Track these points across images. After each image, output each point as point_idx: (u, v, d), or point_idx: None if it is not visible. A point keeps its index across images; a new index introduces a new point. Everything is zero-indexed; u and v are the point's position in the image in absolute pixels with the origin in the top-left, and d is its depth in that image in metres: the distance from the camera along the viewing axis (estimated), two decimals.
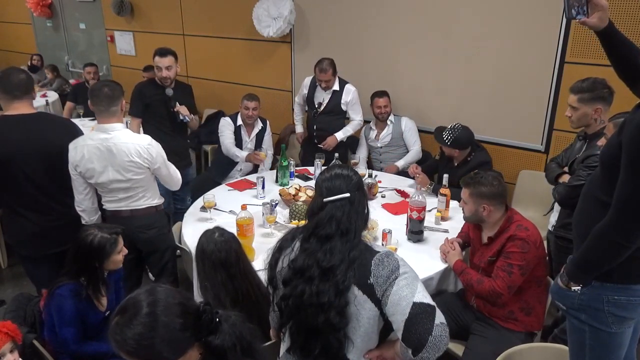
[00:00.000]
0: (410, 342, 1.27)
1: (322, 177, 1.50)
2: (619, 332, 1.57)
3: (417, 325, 1.27)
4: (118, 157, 2.29)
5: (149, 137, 2.41)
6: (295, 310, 1.42)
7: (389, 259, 1.39)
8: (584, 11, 1.48)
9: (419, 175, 3.10)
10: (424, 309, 1.29)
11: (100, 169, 2.31)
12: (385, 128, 3.73)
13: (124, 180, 2.35)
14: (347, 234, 1.41)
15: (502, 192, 2.11)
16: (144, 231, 2.49)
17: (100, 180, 2.33)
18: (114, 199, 2.42)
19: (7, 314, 2.06)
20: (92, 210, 2.45)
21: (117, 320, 1.11)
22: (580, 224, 1.60)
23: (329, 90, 3.75)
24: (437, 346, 1.25)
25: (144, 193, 2.45)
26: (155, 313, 1.10)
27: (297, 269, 1.42)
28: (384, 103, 3.65)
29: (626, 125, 1.41)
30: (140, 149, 2.32)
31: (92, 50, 6.65)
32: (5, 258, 3.66)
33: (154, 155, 2.37)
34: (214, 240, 1.86)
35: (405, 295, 1.31)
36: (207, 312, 1.18)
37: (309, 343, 1.42)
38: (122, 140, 2.31)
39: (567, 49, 3.19)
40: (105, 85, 2.34)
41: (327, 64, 3.60)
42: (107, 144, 2.29)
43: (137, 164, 2.33)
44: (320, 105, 3.79)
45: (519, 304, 2.11)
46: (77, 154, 2.30)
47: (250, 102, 3.60)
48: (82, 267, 1.98)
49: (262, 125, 3.78)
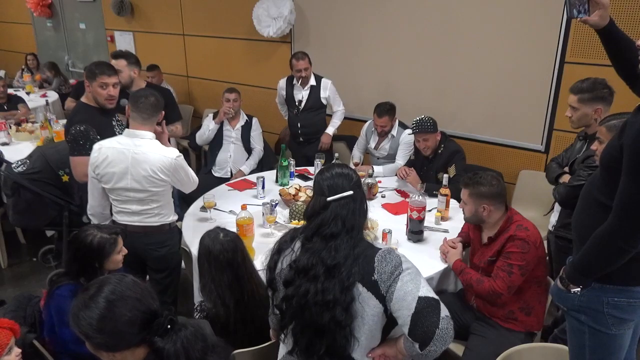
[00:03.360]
0: (417, 336, 1.29)
1: (322, 176, 1.50)
2: (618, 333, 1.57)
3: (424, 319, 1.28)
4: (141, 166, 2.23)
5: (176, 151, 2.33)
6: (299, 310, 1.42)
7: (391, 255, 1.40)
8: (585, 9, 1.48)
9: (409, 175, 3.10)
10: (429, 303, 1.30)
11: (120, 174, 2.26)
12: (385, 139, 3.56)
13: (141, 190, 2.28)
14: (351, 231, 1.42)
15: (502, 191, 2.11)
16: (157, 249, 2.42)
17: (118, 185, 2.28)
18: (126, 211, 2.35)
19: (7, 314, 2.06)
20: (102, 216, 2.44)
21: (78, 297, 1.21)
22: (580, 226, 1.59)
23: (307, 87, 3.80)
24: (443, 339, 1.27)
25: (159, 210, 2.37)
26: (111, 301, 1.19)
27: (300, 268, 1.42)
28: (382, 123, 3.41)
29: (627, 128, 1.40)
30: (165, 161, 2.25)
31: (92, 50, 6.65)
32: (6, 258, 3.66)
33: (179, 169, 2.30)
34: (220, 241, 1.85)
35: (411, 290, 1.32)
36: (164, 316, 1.24)
37: (314, 343, 1.42)
38: (150, 150, 2.25)
39: (567, 49, 3.19)
40: (152, 94, 2.31)
41: (302, 52, 3.73)
42: (135, 151, 2.24)
43: (158, 177, 2.26)
44: (300, 102, 3.85)
45: (519, 304, 2.11)
46: (100, 155, 2.27)
47: (230, 94, 3.73)
48: (81, 267, 1.98)
49: (246, 119, 3.86)
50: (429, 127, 3.02)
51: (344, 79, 4.15)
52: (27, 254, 3.81)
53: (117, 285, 1.23)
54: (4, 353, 1.58)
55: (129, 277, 1.29)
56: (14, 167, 3.02)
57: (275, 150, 4.62)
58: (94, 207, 2.41)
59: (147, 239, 2.39)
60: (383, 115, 3.40)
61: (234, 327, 1.83)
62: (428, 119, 3.05)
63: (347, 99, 4.02)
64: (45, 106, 5.07)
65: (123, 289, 1.22)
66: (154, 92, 2.36)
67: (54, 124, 4.17)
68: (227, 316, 1.82)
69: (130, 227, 2.35)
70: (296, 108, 3.89)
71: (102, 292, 1.20)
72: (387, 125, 3.43)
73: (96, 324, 1.18)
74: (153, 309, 1.25)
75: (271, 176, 3.35)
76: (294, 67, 3.73)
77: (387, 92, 3.97)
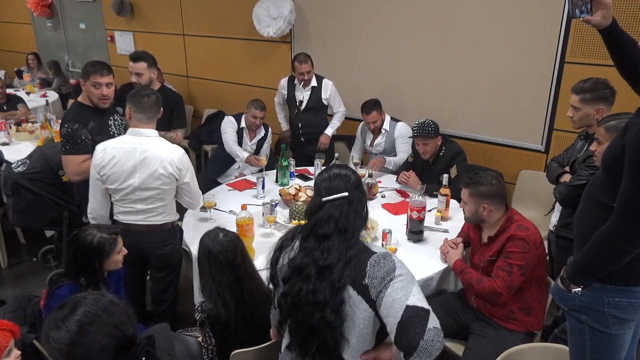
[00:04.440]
0: (401, 345, 1.28)
1: (320, 177, 1.51)
2: (619, 333, 1.57)
3: (409, 328, 1.27)
4: (151, 163, 2.24)
5: (182, 149, 2.35)
6: (293, 307, 1.44)
7: (385, 260, 1.39)
8: (588, 9, 1.48)
9: (409, 178, 3.11)
10: (417, 313, 1.29)
11: (128, 173, 2.25)
12: (379, 136, 3.60)
13: (149, 188, 2.28)
14: (344, 233, 1.41)
15: (502, 191, 2.11)
16: (160, 247, 2.42)
17: (124, 185, 2.27)
18: (131, 211, 2.34)
19: (7, 314, 2.06)
20: (103, 218, 2.43)
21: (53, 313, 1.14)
22: (581, 226, 1.59)
23: (308, 88, 3.79)
24: (428, 351, 1.25)
25: (163, 209, 2.37)
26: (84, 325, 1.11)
27: (295, 267, 1.44)
28: (372, 119, 3.44)
29: (629, 128, 1.40)
30: (174, 158, 2.27)
31: (92, 50, 6.64)
32: (6, 258, 3.66)
33: (186, 167, 2.32)
34: (220, 241, 1.85)
35: (399, 298, 1.31)
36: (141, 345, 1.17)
37: (306, 340, 1.43)
38: (156, 147, 2.27)
39: (567, 49, 3.19)
40: (152, 92, 2.33)
41: (305, 55, 3.68)
42: (142, 149, 2.25)
43: (168, 174, 2.27)
44: (301, 103, 3.83)
45: (519, 304, 2.11)
46: (105, 156, 2.26)
47: (260, 112, 3.56)
48: (81, 267, 1.98)
49: (264, 132, 3.78)
50: (430, 131, 3.01)
51: (344, 78, 4.15)
52: (27, 254, 3.81)
53: (93, 306, 1.15)
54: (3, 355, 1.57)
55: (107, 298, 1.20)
56: (14, 167, 3.02)
57: (275, 151, 4.62)
58: (96, 209, 2.40)
59: (150, 237, 2.39)
60: (370, 111, 3.44)
61: (235, 327, 1.83)
62: (430, 122, 3.03)
63: (347, 99, 4.02)
64: (45, 106, 5.08)
65: (99, 312, 1.14)
66: (152, 90, 2.37)
67: (54, 124, 4.17)
68: (227, 316, 1.82)
69: (133, 226, 2.35)
70: (297, 108, 3.88)
71: (75, 314, 1.13)
72: (377, 119, 3.48)
73: (66, 349, 1.11)
74: (129, 335, 1.17)
75: (271, 176, 3.35)
76: (297, 69, 3.71)
77: (386, 92, 3.97)
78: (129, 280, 2.39)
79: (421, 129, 3.03)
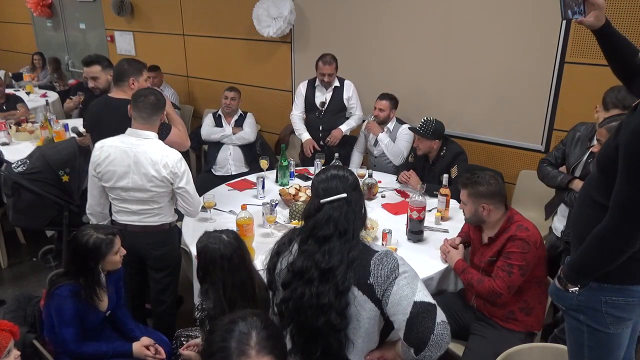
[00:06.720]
0: (412, 341, 1.28)
1: (318, 178, 1.49)
2: (617, 332, 1.57)
3: (419, 324, 1.27)
4: (144, 165, 2.23)
5: (179, 153, 2.31)
6: (295, 312, 1.42)
7: (388, 258, 1.38)
8: (581, 10, 1.48)
9: (410, 177, 3.11)
10: (425, 308, 1.29)
11: (122, 173, 2.25)
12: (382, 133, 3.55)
13: (142, 189, 2.27)
14: (345, 234, 1.41)
15: (500, 190, 2.11)
16: (157, 248, 2.41)
17: (118, 184, 2.27)
18: (126, 211, 2.34)
19: (7, 314, 2.05)
20: (101, 216, 2.44)
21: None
22: (578, 226, 1.60)
23: (330, 89, 3.75)
24: (439, 344, 1.26)
25: (158, 210, 2.35)
26: None
27: (296, 271, 1.42)
28: (381, 106, 3.47)
29: (622, 128, 1.40)
30: (168, 161, 2.24)
31: (92, 50, 6.63)
32: (6, 258, 3.66)
33: (182, 171, 2.28)
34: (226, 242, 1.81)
35: (406, 295, 1.31)
36: None
37: (310, 345, 1.42)
38: (152, 149, 2.25)
39: (567, 49, 3.19)
40: (152, 93, 2.31)
41: (331, 56, 3.64)
42: (136, 150, 2.23)
43: (161, 177, 2.25)
44: (323, 104, 3.78)
45: (519, 304, 2.11)
46: (102, 153, 2.26)
47: (229, 92, 3.98)
48: (79, 267, 1.98)
49: (240, 113, 4.04)
50: (427, 133, 3.02)
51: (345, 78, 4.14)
52: (27, 254, 3.81)
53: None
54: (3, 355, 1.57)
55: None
56: (14, 167, 3.02)
57: (275, 150, 4.62)
58: (93, 206, 2.41)
59: (147, 238, 2.38)
60: (384, 98, 3.50)
61: None
62: (432, 124, 3.03)
63: None
64: (45, 106, 5.07)
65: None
66: (153, 90, 2.35)
67: (54, 124, 4.17)
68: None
69: (130, 227, 2.34)
70: (318, 110, 3.78)
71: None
72: (386, 109, 3.49)
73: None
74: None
75: (271, 176, 3.35)
76: (320, 69, 3.64)
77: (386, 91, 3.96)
78: (128, 280, 2.39)
79: (421, 127, 3.05)
